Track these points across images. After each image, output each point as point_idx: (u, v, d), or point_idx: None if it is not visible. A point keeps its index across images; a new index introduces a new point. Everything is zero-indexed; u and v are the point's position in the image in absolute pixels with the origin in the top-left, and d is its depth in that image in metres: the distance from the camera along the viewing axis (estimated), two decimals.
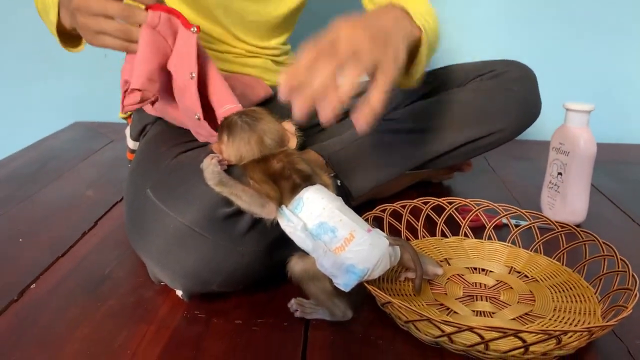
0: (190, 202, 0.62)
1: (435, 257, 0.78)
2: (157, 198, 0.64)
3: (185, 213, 0.62)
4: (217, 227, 0.62)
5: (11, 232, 0.88)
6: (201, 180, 0.62)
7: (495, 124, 0.93)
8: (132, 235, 0.69)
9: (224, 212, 0.62)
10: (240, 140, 0.62)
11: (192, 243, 0.62)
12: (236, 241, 0.63)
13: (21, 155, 1.26)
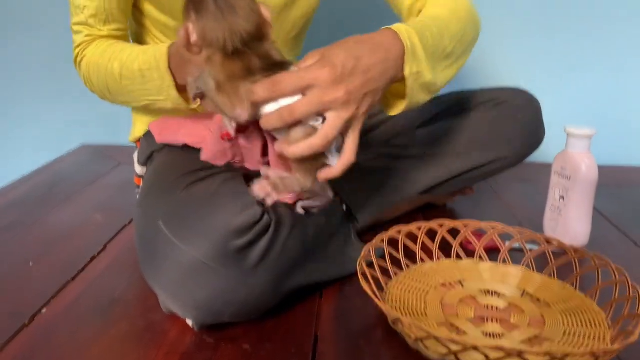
0: (203, 236, 0.62)
1: (450, 279, 0.79)
2: (169, 231, 0.64)
3: (198, 246, 0.62)
4: (229, 260, 0.62)
5: (21, 255, 0.88)
6: (213, 213, 0.63)
7: (500, 151, 0.94)
8: (144, 266, 0.69)
9: (236, 245, 0.62)
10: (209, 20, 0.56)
11: (205, 276, 0.62)
12: (247, 274, 0.63)
13: (30, 179, 1.26)
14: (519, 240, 0.82)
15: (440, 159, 0.94)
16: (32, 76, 1.51)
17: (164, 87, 0.73)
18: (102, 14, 0.81)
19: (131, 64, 0.75)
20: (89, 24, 0.83)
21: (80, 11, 0.82)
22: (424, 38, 0.67)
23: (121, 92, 0.80)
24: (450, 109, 0.98)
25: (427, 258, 0.83)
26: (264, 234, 0.65)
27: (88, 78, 0.84)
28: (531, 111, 0.97)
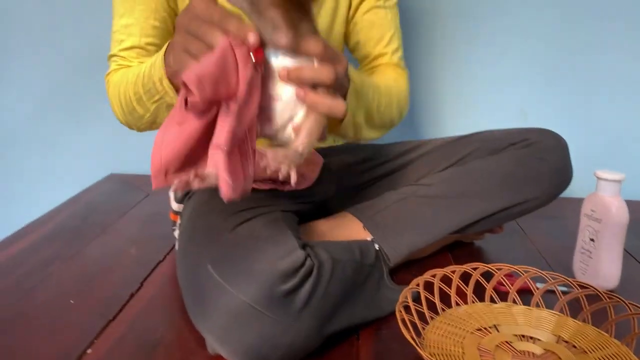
0: (252, 280, 0.64)
1: (485, 324, 0.79)
2: (218, 275, 0.66)
3: (247, 291, 0.63)
4: (277, 304, 0.64)
5: (61, 292, 0.90)
6: (259, 257, 0.65)
7: (530, 192, 0.96)
8: (191, 308, 0.70)
9: (283, 289, 0.64)
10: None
11: (253, 320, 0.63)
12: (294, 317, 0.65)
13: (63, 209, 1.29)
14: (552, 285, 0.83)
15: (470, 199, 0.96)
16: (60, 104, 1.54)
17: (159, 77, 0.68)
18: (136, 48, 0.86)
19: (139, 72, 0.75)
20: (122, 55, 0.87)
21: (118, 44, 0.87)
22: (363, 89, 0.79)
23: (134, 105, 0.78)
24: (480, 149, 1.00)
25: (461, 301, 0.84)
26: (307, 277, 0.67)
27: (111, 103, 0.86)
28: (560, 152, 0.98)
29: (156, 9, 0.86)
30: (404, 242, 0.94)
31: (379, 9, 1.01)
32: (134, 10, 0.86)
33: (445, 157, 1.02)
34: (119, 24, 0.87)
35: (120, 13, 0.87)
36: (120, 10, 0.87)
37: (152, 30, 0.87)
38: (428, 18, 1.45)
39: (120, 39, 0.87)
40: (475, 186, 0.96)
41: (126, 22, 0.87)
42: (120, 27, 0.87)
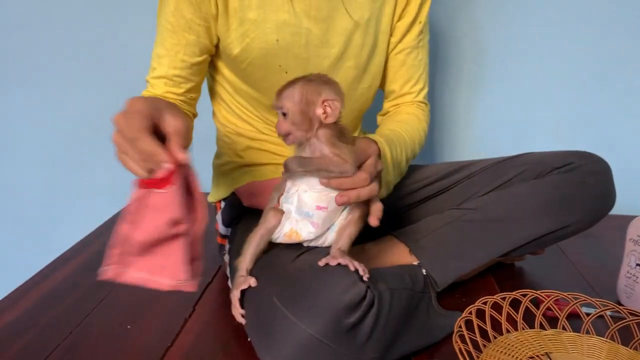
0: (319, 314, 0.65)
1: (537, 351, 0.81)
2: (285, 307, 0.68)
3: (315, 325, 0.65)
4: (343, 337, 0.65)
5: (118, 317, 0.92)
6: (323, 291, 0.67)
7: (574, 216, 0.97)
8: (258, 342, 0.72)
9: (348, 322, 0.65)
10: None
11: (321, 353, 0.65)
12: (359, 350, 0.67)
13: (104, 231, 1.32)
14: (602, 312, 0.84)
15: (515, 224, 0.97)
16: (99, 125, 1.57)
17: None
18: (164, 78, 0.90)
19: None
20: (151, 82, 0.92)
21: (151, 71, 0.92)
22: (392, 149, 0.89)
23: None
24: (524, 173, 1.01)
25: (511, 328, 0.85)
26: (369, 309, 0.68)
27: None
28: (603, 176, 0.99)
29: (187, 45, 0.89)
30: (451, 267, 0.95)
31: (413, 50, 1.02)
32: (166, 43, 0.89)
33: (488, 181, 1.03)
34: (155, 52, 0.91)
35: (157, 42, 0.91)
36: (158, 39, 0.90)
37: (181, 63, 0.90)
38: (457, 38, 1.46)
39: (153, 66, 0.91)
40: (521, 211, 0.97)
41: (159, 51, 0.90)
42: (155, 55, 0.91)
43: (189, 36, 0.88)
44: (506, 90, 1.50)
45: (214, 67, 0.98)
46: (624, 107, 1.48)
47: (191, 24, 0.86)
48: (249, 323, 0.75)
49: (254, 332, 0.74)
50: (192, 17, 0.86)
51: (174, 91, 0.92)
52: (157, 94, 0.91)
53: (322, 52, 0.93)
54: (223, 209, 1.04)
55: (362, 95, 1.01)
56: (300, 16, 0.89)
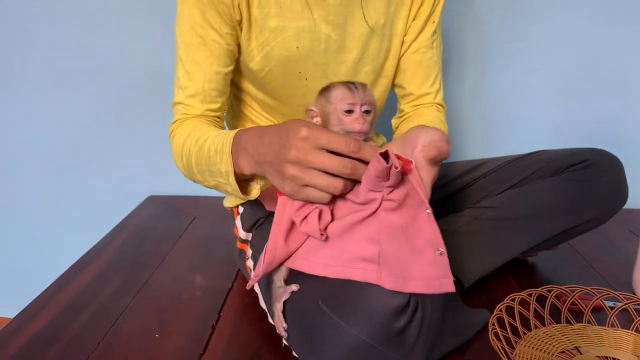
0: (368, 318, 0.65)
1: (565, 345, 0.83)
2: (332, 311, 0.67)
3: (365, 328, 0.65)
4: (393, 341, 0.66)
5: (144, 325, 0.92)
6: (371, 294, 0.67)
7: (590, 213, 0.99)
8: (304, 349, 0.72)
9: (397, 326, 0.66)
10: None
11: (371, 357, 0.65)
12: (407, 353, 0.67)
13: (114, 237, 1.30)
14: (626, 305, 0.86)
15: (534, 222, 0.99)
16: (96, 130, 1.55)
17: (225, 170, 0.76)
18: (200, 94, 0.88)
19: (203, 144, 0.80)
20: (186, 103, 0.89)
21: (182, 91, 0.89)
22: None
23: (194, 170, 0.84)
24: (540, 171, 1.03)
25: (539, 323, 0.87)
26: (415, 312, 0.69)
27: (175, 153, 0.90)
28: (616, 173, 1.01)
29: (219, 55, 0.87)
30: (474, 266, 0.97)
31: (428, 50, 1.02)
32: (197, 56, 0.86)
33: (504, 179, 1.05)
34: (182, 71, 0.88)
35: (184, 60, 0.87)
36: (183, 56, 0.87)
37: (215, 75, 0.88)
38: (458, 40, 1.48)
39: (184, 85, 0.88)
40: (540, 209, 0.99)
41: (189, 68, 0.87)
42: (182, 73, 0.88)
43: (220, 46, 0.87)
44: (508, 89, 1.52)
45: (232, 77, 0.97)
46: (624, 104, 1.51)
47: (221, 33, 0.85)
48: (292, 333, 0.74)
49: (299, 340, 0.73)
50: (220, 26, 0.85)
51: (212, 107, 0.90)
52: (196, 114, 0.89)
53: (341, 57, 0.93)
54: (243, 214, 1.04)
55: (379, 98, 1.02)
56: (319, 22, 0.89)
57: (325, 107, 0.71)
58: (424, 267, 0.65)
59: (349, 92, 0.70)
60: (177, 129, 0.90)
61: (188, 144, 0.84)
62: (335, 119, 0.70)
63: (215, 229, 1.35)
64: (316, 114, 0.73)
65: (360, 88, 0.70)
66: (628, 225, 1.35)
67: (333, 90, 0.71)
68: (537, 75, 1.50)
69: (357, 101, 0.70)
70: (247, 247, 1.01)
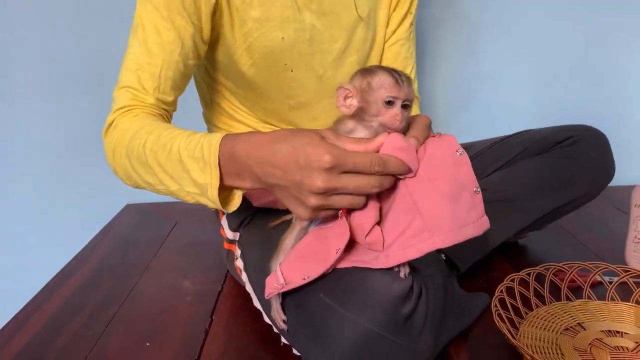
0: (375, 306, 0.63)
1: (568, 322, 0.82)
2: (336, 303, 0.64)
3: (370, 315, 0.62)
4: (401, 328, 0.63)
5: (134, 335, 0.87)
6: (373, 284, 0.64)
7: (578, 190, 0.99)
8: (306, 344, 0.69)
9: (404, 313, 0.63)
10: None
11: (380, 347, 0.63)
12: (416, 339, 0.65)
13: (97, 246, 1.25)
14: (625, 278, 0.86)
15: (526, 202, 0.98)
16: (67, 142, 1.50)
17: (203, 182, 0.67)
18: (155, 80, 0.79)
19: (170, 144, 0.70)
20: (137, 87, 0.79)
21: (133, 74, 0.79)
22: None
23: (144, 170, 0.73)
24: (527, 150, 1.02)
25: (539, 302, 0.86)
26: (419, 298, 0.67)
27: (113, 149, 0.78)
28: (603, 147, 1.02)
29: (184, 44, 0.79)
30: (470, 250, 0.95)
31: (405, 42, 1.02)
32: (162, 39, 0.78)
33: (491, 161, 1.04)
34: (139, 52, 0.79)
35: (143, 40, 0.78)
36: (143, 37, 0.78)
37: (175, 64, 0.80)
38: (436, 23, 1.47)
39: (138, 66, 0.79)
40: (528, 188, 0.98)
41: (151, 48, 0.78)
42: (140, 54, 0.79)
43: (188, 34, 0.79)
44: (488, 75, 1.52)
45: (209, 71, 0.94)
46: (601, 85, 1.52)
47: (191, 19, 0.79)
48: (292, 329, 0.71)
49: (298, 335, 0.71)
50: (191, 11, 0.78)
51: (165, 100, 0.81)
52: (148, 103, 0.79)
53: (326, 47, 0.91)
54: (228, 214, 1.00)
55: None
56: (303, 11, 0.86)
57: (365, 91, 0.65)
58: (466, 213, 0.64)
59: (394, 83, 0.63)
60: (122, 119, 0.78)
61: (142, 138, 0.72)
62: (375, 109, 0.64)
63: (198, 232, 1.31)
64: (352, 94, 0.66)
65: (405, 81, 0.64)
66: (613, 202, 1.35)
67: (378, 76, 0.64)
68: (515, 60, 1.50)
69: (401, 95, 0.63)
70: (235, 247, 0.98)
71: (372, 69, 0.66)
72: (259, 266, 0.83)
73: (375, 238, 0.65)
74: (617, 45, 1.50)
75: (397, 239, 0.64)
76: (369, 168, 0.59)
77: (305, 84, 0.92)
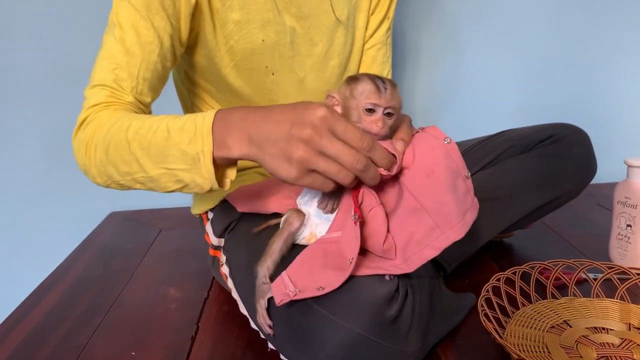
0: (361, 310, 0.63)
1: (554, 320, 0.82)
2: (323, 308, 0.64)
3: (359, 321, 0.62)
4: (387, 331, 0.63)
5: (118, 344, 0.86)
6: (359, 286, 0.64)
7: (562, 187, 1.00)
8: (293, 350, 0.69)
9: (390, 314, 0.63)
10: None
11: (368, 351, 0.62)
12: (403, 342, 0.65)
13: (79, 256, 1.23)
14: (609, 274, 0.86)
15: (510, 200, 0.98)
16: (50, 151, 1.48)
17: (194, 151, 0.64)
18: (134, 80, 0.76)
19: (155, 124, 0.68)
20: (114, 87, 0.76)
21: (109, 72, 0.76)
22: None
23: (122, 158, 0.70)
24: (511, 149, 1.03)
25: (525, 301, 0.86)
26: (405, 299, 0.67)
27: (86, 144, 0.74)
28: (585, 145, 1.02)
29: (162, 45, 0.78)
30: (455, 251, 0.95)
31: (382, 46, 1.02)
32: (140, 39, 0.76)
33: (475, 161, 1.04)
34: (115, 50, 0.76)
35: (121, 39, 0.76)
36: (120, 36, 0.76)
37: (154, 65, 0.78)
38: (417, 22, 1.47)
39: (116, 65, 0.76)
40: (513, 187, 0.99)
41: (130, 48, 0.76)
42: (117, 52, 0.76)
43: (168, 35, 0.78)
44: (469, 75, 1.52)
45: (190, 75, 0.93)
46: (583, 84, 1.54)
47: (170, 21, 0.78)
48: (278, 332, 0.71)
49: (285, 340, 0.70)
50: (171, 12, 0.77)
51: (143, 100, 0.79)
52: (127, 101, 0.76)
53: (306, 50, 0.91)
54: (213, 219, 0.99)
55: None
56: (283, 13, 0.86)
57: (348, 99, 0.66)
58: (464, 199, 0.65)
59: (375, 91, 0.64)
60: (100, 113, 0.74)
61: (124, 124, 0.70)
62: (356, 115, 0.65)
63: (183, 240, 1.30)
64: (338, 102, 0.67)
65: (388, 89, 0.65)
66: (596, 199, 1.37)
67: (360, 84, 0.65)
68: (496, 59, 1.51)
69: (382, 103, 0.64)
70: (220, 253, 0.97)
71: (358, 76, 0.67)
72: (245, 272, 0.82)
73: (390, 245, 0.65)
74: (598, 45, 1.52)
75: (409, 242, 0.64)
76: (358, 141, 0.59)
77: (286, 87, 0.91)
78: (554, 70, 1.53)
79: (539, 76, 1.53)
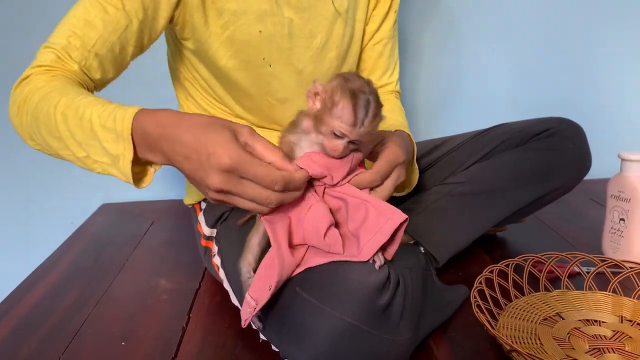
0: (351, 299, 0.62)
1: (547, 312, 0.82)
2: (313, 297, 0.63)
3: (349, 310, 0.61)
4: (378, 320, 0.63)
5: (108, 334, 0.85)
6: (350, 276, 0.63)
7: (557, 181, 0.99)
8: (283, 340, 0.68)
9: (381, 304, 0.63)
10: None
11: (359, 340, 0.62)
12: (394, 331, 0.64)
13: (70, 247, 1.22)
14: (602, 267, 0.86)
15: (504, 193, 0.98)
16: None
17: (115, 153, 0.64)
18: (85, 51, 0.75)
19: (82, 109, 0.66)
20: (63, 54, 0.74)
21: (64, 37, 0.74)
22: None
23: (51, 134, 0.69)
24: (505, 143, 1.02)
25: (518, 293, 0.86)
26: (396, 289, 0.66)
27: (20, 103, 0.73)
28: (580, 139, 1.02)
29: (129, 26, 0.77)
30: (449, 243, 0.95)
31: (389, 41, 1.02)
32: (106, 16, 0.75)
33: (470, 154, 1.04)
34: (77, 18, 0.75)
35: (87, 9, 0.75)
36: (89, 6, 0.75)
37: (111, 45, 0.76)
38: (418, 18, 1.47)
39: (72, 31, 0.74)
40: (507, 180, 0.98)
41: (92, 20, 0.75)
42: (78, 20, 0.75)
43: (138, 20, 0.76)
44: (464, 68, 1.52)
45: (187, 63, 0.92)
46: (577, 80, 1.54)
47: (145, 5, 0.76)
48: (269, 325, 0.70)
49: (277, 333, 0.69)
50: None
51: (92, 75, 0.76)
52: (71, 69, 0.74)
53: (305, 42, 0.90)
54: (206, 209, 0.99)
55: None
56: (282, 5, 0.85)
57: (327, 105, 0.62)
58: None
59: (351, 124, 0.62)
60: (39, 76, 0.73)
61: (54, 100, 0.67)
62: (324, 129, 0.63)
63: (176, 231, 1.29)
64: (321, 98, 0.64)
65: (366, 123, 0.62)
66: (589, 194, 1.37)
67: (343, 106, 0.61)
68: (492, 57, 1.51)
69: (350, 136, 0.62)
70: (212, 244, 0.97)
71: (351, 90, 0.62)
72: (237, 263, 0.81)
73: (334, 239, 0.65)
74: (593, 41, 1.52)
75: (360, 232, 0.65)
76: (269, 184, 0.59)
77: (284, 79, 0.90)
78: (550, 65, 1.53)
79: (535, 71, 1.53)
